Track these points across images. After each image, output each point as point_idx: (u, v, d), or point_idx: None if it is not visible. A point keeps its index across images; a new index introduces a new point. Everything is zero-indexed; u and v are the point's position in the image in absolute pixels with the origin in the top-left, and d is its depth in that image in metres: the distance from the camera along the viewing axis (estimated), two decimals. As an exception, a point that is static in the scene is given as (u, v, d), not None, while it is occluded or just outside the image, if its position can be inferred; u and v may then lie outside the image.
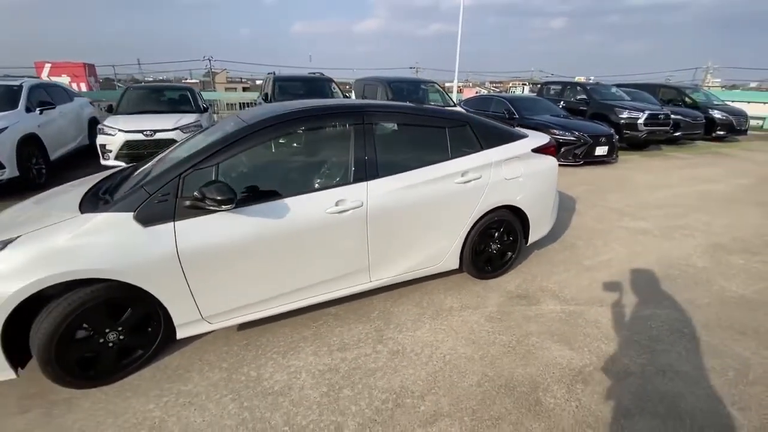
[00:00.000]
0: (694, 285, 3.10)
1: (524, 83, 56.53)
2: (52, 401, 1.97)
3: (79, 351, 1.96)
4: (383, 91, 8.80)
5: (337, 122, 2.46)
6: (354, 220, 2.38)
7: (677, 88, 12.44)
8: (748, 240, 4.02)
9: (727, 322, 2.62)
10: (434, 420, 1.85)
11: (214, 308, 2.18)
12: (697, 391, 2.03)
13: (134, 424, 1.84)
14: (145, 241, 1.94)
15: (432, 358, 2.27)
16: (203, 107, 7.25)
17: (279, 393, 2.02)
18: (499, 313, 2.71)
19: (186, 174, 2.04)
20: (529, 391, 2.02)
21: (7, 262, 1.77)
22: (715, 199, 5.55)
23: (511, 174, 2.91)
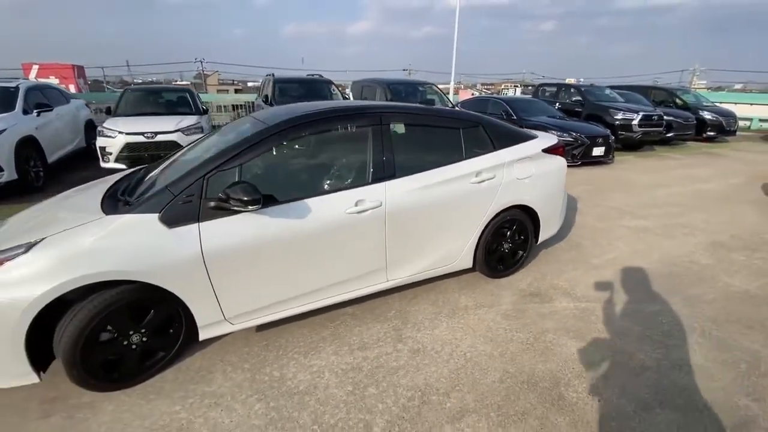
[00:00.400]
0: (699, 281, 3.18)
1: (516, 85, 57.07)
2: (74, 405, 1.95)
3: (103, 353, 1.95)
4: (382, 92, 8.84)
5: (355, 123, 2.48)
6: (373, 220, 2.41)
7: (668, 90, 12.70)
8: (746, 238, 4.13)
9: (734, 316, 2.70)
10: (461, 416, 1.88)
11: (236, 309, 2.18)
12: (712, 384, 2.09)
13: (161, 426, 1.83)
14: (170, 242, 1.94)
15: (453, 355, 2.30)
16: (203, 109, 7.20)
17: (304, 392, 2.03)
18: (514, 310, 2.75)
19: (210, 175, 2.05)
20: (552, 387, 2.06)
21: (32, 265, 1.76)
22: (711, 198, 5.68)
23: (522, 174, 2.96)
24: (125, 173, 2.86)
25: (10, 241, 1.89)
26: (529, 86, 58.49)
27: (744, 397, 1.99)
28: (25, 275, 1.74)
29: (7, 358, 1.78)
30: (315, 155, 2.50)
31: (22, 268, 1.75)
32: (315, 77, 8.72)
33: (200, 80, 55.12)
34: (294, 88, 7.88)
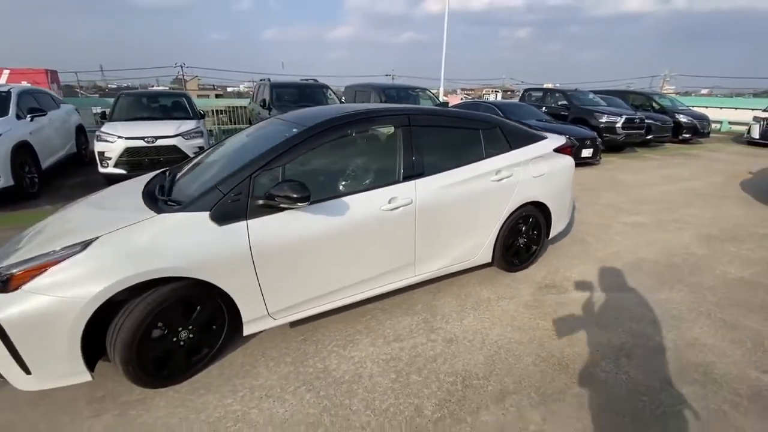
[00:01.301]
0: (697, 270, 3.42)
1: (496, 90, 58.44)
2: (124, 403, 1.97)
3: (155, 350, 1.98)
4: (376, 97, 8.99)
5: (387, 124, 2.59)
6: (404, 217, 2.52)
7: (646, 94, 13.31)
8: (733, 230, 4.43)
9: (734, 301, 2.92)
10: (503, 397, 2.00)
11: (279, 304, 2.24)
12: (724, 360, 2.28)
13: (218, 418, 1.88)
14: (220, 239, 2.00)
15: (485, 343, 2.42)
16: (200, 113, 7.17)
17: (351, 381, 2.11)
18: (534, 301, 2.90)
19: (256, 174, 2.12)
20: (582, 368, 2.21)
21: (88, 263, 1.79)
22: (696, 195, 6.04)
23: (537, 172, 3.13)
24: (154, 174, 2.88)
25: (56, 241, 1.90)
26: (508, 91, 59.96)
27: (754, 370, 2.19)
28: (82, 274, 1.77)
29: (64, 357, 1.79)
30: (349, 155, 2.59)
31: (78, 267, 1.78)
32: (310, 82, 8.79)
33: (178, 85, 54.15)
34: (291, 92, 7.94)
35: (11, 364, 1.77)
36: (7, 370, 1.80)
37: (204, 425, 1.84)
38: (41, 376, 1.81)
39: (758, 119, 11.77)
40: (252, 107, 9.10)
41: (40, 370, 1.79)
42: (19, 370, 1.78)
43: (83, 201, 2.62)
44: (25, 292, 1.72)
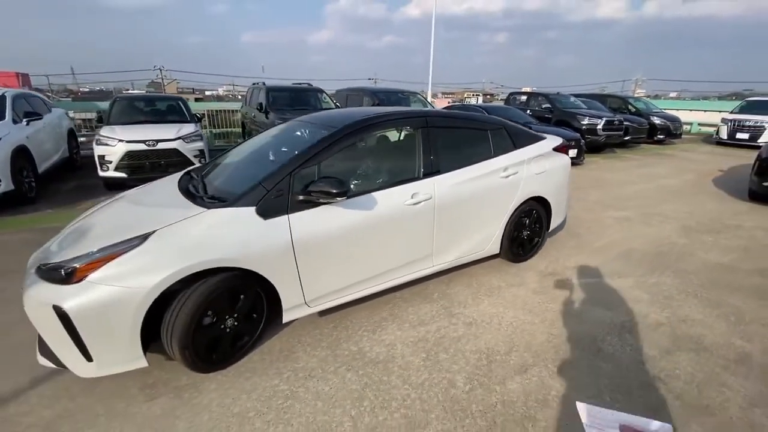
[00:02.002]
0: (682, 258, 3.76)
1: (476, 94, 59.61)
2: (176, 387, 2.10)
3: (206, 337, 2.12)
4: (369, 100, 9.20)
5: (408, 125, 2.80)
6: (425, 211, 2.73)
7: (622, 98, 14.01)
8: (709, 223, 4.83)
9: (717, 283, 3.25)
10: (525, 369, 2.23)
11: (315, 293, 2.41)
12: (713, 332, 2.58)
13: (268, 397, 2.04)
14: (266, 232, 2.16)
15: (502, 325, 2.65)
16: (197, 117, 7.21)
17: (386, 361, 2.30)
18: (540, 288, 3.15)
19: (295, 172, 2.29)
20: (591, 343, 2.46)
21: (149, 255, 1.92)
22: (673, 191, 6.48)
23: (538, 169, 3.40)
24: (183, 173, 2.99)
25: (111, 236, 2.01)
26: (488, 95, 61.16)
27: (738, 340, 2.49)
28: (143, 265, 1.90)
29: (124, 344, 1.92)
30: (375, 154, 2.78)
31: (139, 259, 1.90)
32: (303, 86, 8.93)
33: (154, 89, 52.95)
34: (287, 96, 8.06)
35: (73, 352, 1.88)
36: (69, 358, 1.91)
37: (256, 403, 1.99)
38: (102, 363, 1.92)
39: (726, 121, 12.56)
40: (245, 111, 9.16)
41: (101, 357, 1.90)
42: (81, 357, 1.89)
43: (119, 200, 2.71)
44: (90, 283, 1.84)
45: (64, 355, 1.92)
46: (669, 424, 1.81)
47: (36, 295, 1.88)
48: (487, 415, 1.92)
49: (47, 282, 1.90)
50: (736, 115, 12.56)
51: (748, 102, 13.21)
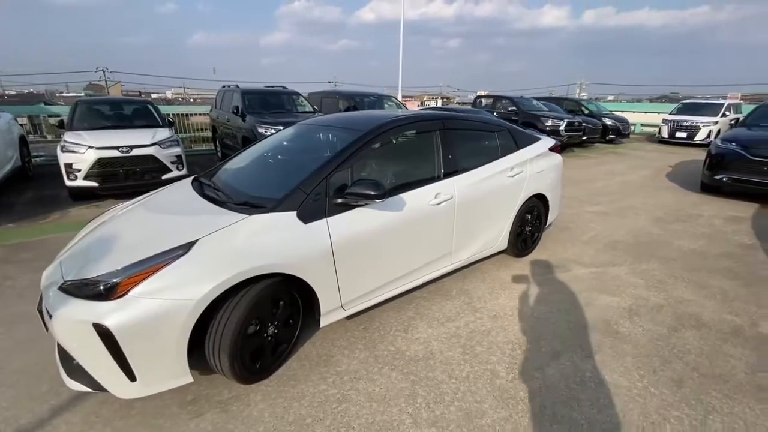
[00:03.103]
0: (661, 246, 4.13)
1: (435, 97, 61.10)
2: (220, 402, 2.03)
3: (251, 346, 2.06)
4: (345, 103, 9.20)
5: (427, 128, 2.88)
6: (447, 210, 2.81)
7: (576, 101, 15.01)
8: (674, 213, 5.34)
9: (696, 266, 3.62)
10: (558, 355, 2.37)
11: (350, 295, 2.41)
12: (706, 310, 2.88)
13: (321, 402, 2.02)
14: (307, 236, 2.14)
15: (523, 317, 2.79)
16: (169, 121, 6.85)
17: (426, 358, 2.35)
18: (548, 280, 3.35)
19: (330, 176, 2.28)
20: (606, 327, 2.66)
21: (194, 265, 1.84)
22: (635, 187, 7.07)
23: (539, 168, 3.60)
24: (192, 178, 2.86)
25: (144, 247, 1.91)
26: (445, 98, 62.85)
27: (728, 315, 2.80)
28: (189, 275, 1.82)
29: (172, 360, 1.83)
30: (399, 155, 2.82)
31: (184, 269, 1.82)
32: (278, 89, 8.75)
33: (93, 91, 49.29)
34: (264, 99, 7.86)
35: (115, 372, 1.77)
36: (109, 378, 1.79)
37: (310, 409, 1.97)
38: (147, 381, 1.82)
39: (666, 121, 13.85)
40: (216, 114, 8.82)
41: (146, 375, 1.80)
42: (123, 377, 1.78)
43: (134, 209, 2.55)
44: (133, 297, 1.74)
45: (102, 376, 1.79)
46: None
47: (69, 314, 1.75)
48: (533, 400, 2.03)
49: (81, 299, 1.77)
50: (674, 116, 13.88)
51: (684, 104, 14.65)
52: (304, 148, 2.88)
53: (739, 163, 5.65)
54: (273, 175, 2.74)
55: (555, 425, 1.88)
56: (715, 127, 12.84)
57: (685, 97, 49.22)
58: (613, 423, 1.88)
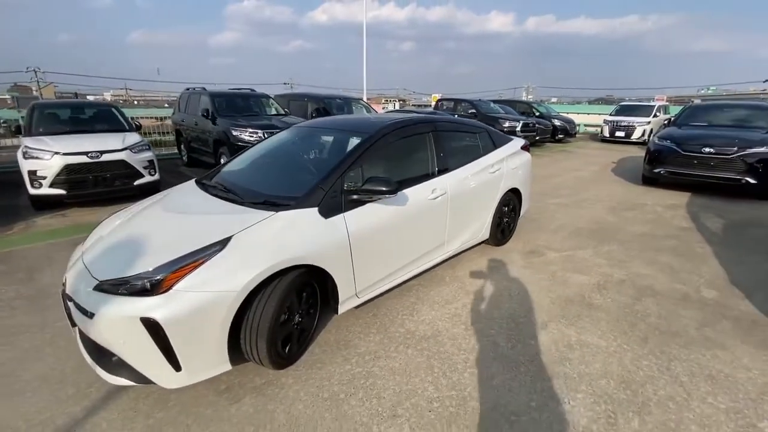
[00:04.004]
0: (617, 231, 4.71)
1: (392, 100, 62.08)
2: (254, 387, 2.17)
3: (282, 334, 2.22)
4: (314, 105, 9.32)
5: (424, 129, 3.16)
6: (442, 204, 3.11)
7: (528, 103, 16.07)
8: (624, 203, 6.04)
9: (647, 247, 4.20)
10: (546, 325, 2.74)
11: (363, 284, 2.63)
12: (659, 281, 3.39)
13: (350, 380, 2.22)
14: (328, 230, 2.34)
15: (512, 296, 3.15)
16: (136, 125, 6.63)
17: (434, 336, 2.62)
18: (526, 264, 3.75)
19: (344, 174, 2.49)
20: (582, 300, 3.08)
21: (232, 259, 1.99)
22: (587, 181, 7.83)
23: (513, 165, 4.01)
24: (195, 180, 2.94)
25: (181, 244, 2.01)
26: (401, 101, 63.80)
27: (678, 284, 3.34)
28: (229, 268, 1.96)
29: (215, 349, 1.95)
30: (400, 154, 3.05)
31: (223, 263, 1.96)
32: (246, 91, 8.68)
33: (19, 93, 44.97)
34: (234, 102, 7.79)
35: (161, 364, 1.87)
36: (155, 370, 1.89)
37: (341, 387, 2.17)
38: (191, 370, 1.93)
39: (607, 122, 15.24)
40: (181, 118, 8.57)
41: (190, 365, 1.91)
42: (169, 368, 1.88)
43: (152, 211, 2.60)
44: (178, 291, 1.85)
45: (148, 369, 1.88)
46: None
47: (115, 311, 1.83)
48: (533, 362, 2.37)
49: (125, 296, 1.86)
50: (614, 117, 15.31)
51: (621, 106, 16.19)
52: (309, 149, 3.04)
53: (673, 157, 6.49)
54: (284, 175, 2.88)
55: (553, 379, 2.22)
56: (648, 126, 14.33)
57: (620, 99, 53.67)
58: (599, 374, 2.26)
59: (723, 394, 2.11)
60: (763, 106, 7.49)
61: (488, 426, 1.91)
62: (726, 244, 4.33)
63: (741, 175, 5.95)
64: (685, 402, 2.06)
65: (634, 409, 2.01)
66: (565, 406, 2.03)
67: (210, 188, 2.79)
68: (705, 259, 3.89)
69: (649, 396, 2.10)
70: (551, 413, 1.99)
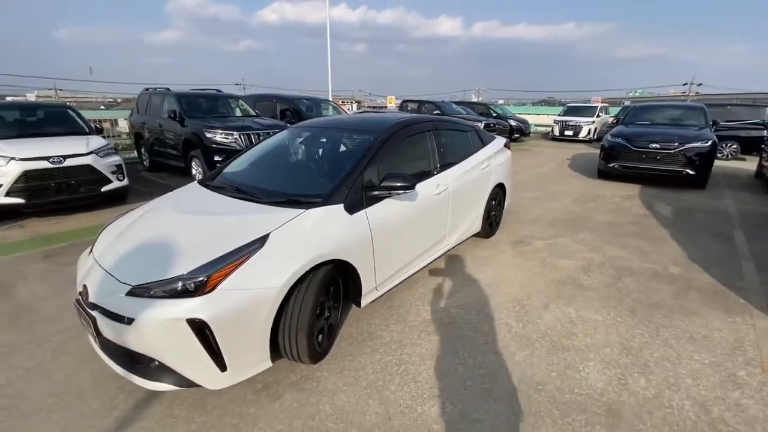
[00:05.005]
0: (587, 220, 5.17)
1: (348, 101, 61.89)
2: (291, 383, 2.20)
3: (317, 328, 2.26)
4: (283, 106, 9.21)
5: (426, 128, 3.30)
6: (445, 199, 3.28)
7: (486, 104, 16.86)
8: (585, 195, 6.61)
9: (615, 233, 4.66)
10: (548, 305, 3.00)
11: (381, 277, 2.72)
12: (633, 262, 3.80)
13: (383, 367, 2.32)
14: (353, 226, 2.42)
15: (512, 282, 3.39)
16: (96, 127, 6.20)
17: (452, 322, 2.78)
18: (516, 252, 4.03)
19: (364, 171, 2.58)
20: (572, 281, 3.39)
21: (272, 256, 2.01)
22: (549, 176, 8.43)
23: (498, 162, 4.29)
24: (199, 181, 2.87)
25: (209, 247, 2.00)
26: (358, 102, 63.83)
27: (648, 263, 3.76)
28: (269, 266, 1.99)
29: (258, 346, 1.97)
30: (407, 152, 3.17)
31: (264, 260, 1.98)
32: (213, 92, 8.38)
33: None
34: (201, 103, 7.50)
35: (207, 365, 1.86)
36: (199, 372, 1.87)
37: (377, 375, 2.26)
38: (236, 370, 1.93)
39: (557, 122, 16.37)
40: (142, 120, 8.09)
41: (235, 364, 1.91)
42: (214, 369, 1.88)
43: (165, 213, 2.52)
44: (223, 290, 1.85)
45: (192, 371, 1.86)
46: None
47: (158, 313, 1.79)
48: (544, 339, 2.60)
49: (166, 299, 1.82)
50: (563, 117, 16.48)
51: (568, 107, 17.46)
52: (318, 148, 3.08)
53: (625, 153, 7.19)
54: (300, 173, 2.89)
55: (566, 352, 2.46)
56: (593, 125, 15.61)
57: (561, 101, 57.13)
58: (602, 343, 2.53)
59: (705, 352, 2.46)
60: (693, 106, 8.51)
61: (520, 396, 2.10)
62: (678, 227, 4.92)
63: (682, 168, 6.74)
64: (678, 360, 2.38)
65: (638, 371, 2.29)
66: (581, 373, 2.27)
67: (221, 189, 2.75)
68: (665, 241, 4.40)
69: (648, 359, 2.40)
70: (571, 380, 2.22)
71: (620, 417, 1.97)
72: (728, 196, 6.67)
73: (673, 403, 2.05)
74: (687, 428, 1.90)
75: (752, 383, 2.20)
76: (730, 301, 3.10)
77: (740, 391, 2.14)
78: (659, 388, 2.16)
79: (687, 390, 2.14)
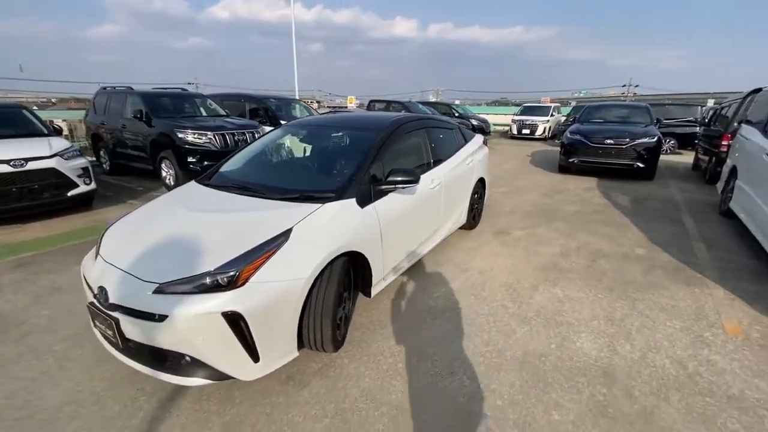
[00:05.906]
0: (557, 211, 5.59)
1: (308, 101, 61.14)
2: (315, 372, 2.28)
3: (338, 316, 2.35)
4: (252, 105, 9.06)
5: (420, 126, 3.47)
6: (438, 192, 3.47)
7: (448, 104, 17.39)
8: (551, 188, 7.10)
9: (585, 221, 5.09)
10: (537, 287, 3.27)
11: (388, 267, 2.86)
12: (604, 246, 4.20)
13: (400, 351, 2.46)
14: (365, 219, 2.53)
15: (501, 269, 3.64)
16: (55, 128, 5.80)
17: (453, 307, 2.96)
18: (500, 242, 4.31)
19: (371, 166, 2.70)
20: (553, 266, 3.70)
21: (297, 249, 2.08)
22: (515, 172, 8.93)
23: (478, 158, 4.55)
24: (198, 180, 2.86)
25: (234, 243, 2.04)
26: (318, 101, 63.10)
27: (620, 248, 4.17)
28: (295, 258, 2.06)
29: (288, 337, 2.04)
30: (404, 149, 3.31)
31: (290, 253, 2.05)
32: (179, 91, 8.06)
33: None
34: (168, 102, 7.20)
35: (241, 357, 1.91)
36: (233, 364, 1.92)
37: (396, 358, 2.39)
38: (267, 360, 1.99)
39: (515, 121, 17.24)
40: (101, 120, 7.62)
41: (267, 355, 1.97)
42: (248, 360, 1.93)
43: (175, 212, 2.50)
44: (255, 283, 1.91)
45: (226, 364, 1.90)
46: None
47: (192, 309, 1.81)
48: (539, 316, 2.85)
49: (198, 294, 1.85)
50: (520, 116, 17.38)
51: (524, 107, 18.43)
52: (319, 146, 3.14)
53: (583, 149, 7.80)
54: (307, 170, 2.94)
55: (559, 327, 2.72)
56: (547, 124, 16.60)
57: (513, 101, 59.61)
58: (589, 317, 2.83)
59: (675, 319, 2.83)
60: (639, 105, 9.37)
61: (528, 367, 2.32)
62: (636, 214, 5.45)
63: (633, 161, 7.43)
64: (654, 327, 2.72)
65: (623, 338, 2.60)
66: (576, 343, 2.54)
67: (225, 187, 2.76)
68: (627, 227, 4.88)
69: (629, 328, 2.72)
70: (569, 350, 2.47)
71: (615, 377, 2.24)
72: (673, 186, 7.44)
73: (656, 362, 2.36)
74: (670, 381, 2.20)
75: (717, 342, 2.57)
76: (689, 275, 3.53)
77: (708, 349, 2.49)
78: (642, 351, 2.47)
79: (665, 351, 2.47)
